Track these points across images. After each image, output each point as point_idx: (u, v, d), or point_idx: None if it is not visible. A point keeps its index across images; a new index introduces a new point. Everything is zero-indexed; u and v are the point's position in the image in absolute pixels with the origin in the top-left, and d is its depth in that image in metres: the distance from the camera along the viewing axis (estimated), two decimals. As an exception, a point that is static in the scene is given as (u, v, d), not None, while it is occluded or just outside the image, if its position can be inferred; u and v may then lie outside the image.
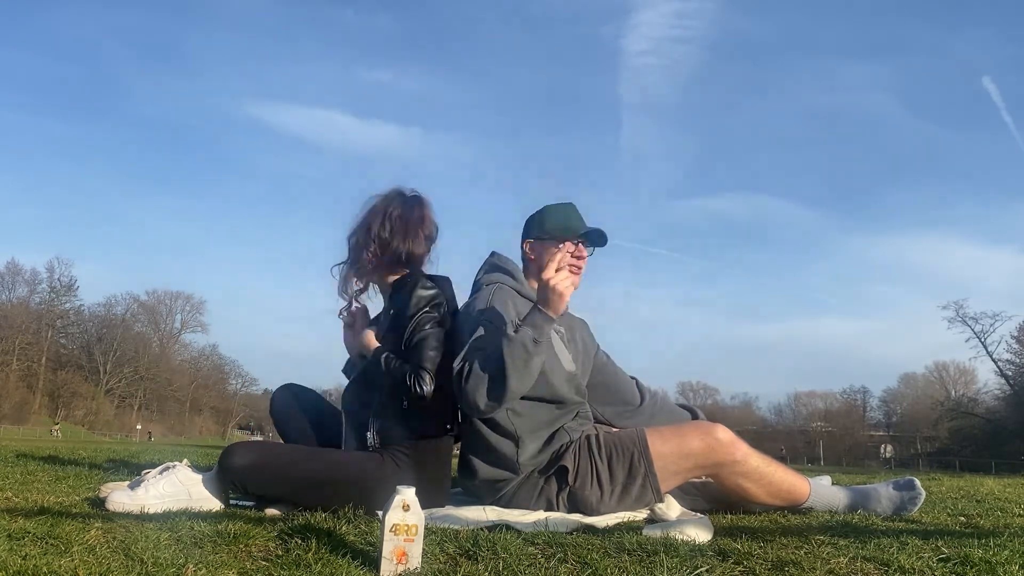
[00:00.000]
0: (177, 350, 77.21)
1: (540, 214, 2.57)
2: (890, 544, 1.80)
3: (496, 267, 2.52)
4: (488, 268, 2.54)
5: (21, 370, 59.97)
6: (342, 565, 1.56)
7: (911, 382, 65.23)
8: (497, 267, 2.52)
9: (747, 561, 1.65)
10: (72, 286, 67.08)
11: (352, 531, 1.86)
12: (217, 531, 1.78)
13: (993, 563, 1.62)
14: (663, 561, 1.60)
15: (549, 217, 2.54)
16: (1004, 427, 49.75)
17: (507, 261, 2.54)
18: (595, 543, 1.80)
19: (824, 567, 1.61)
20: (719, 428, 2.28)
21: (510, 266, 2.52)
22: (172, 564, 1.50)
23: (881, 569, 1.61)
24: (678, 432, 2.30)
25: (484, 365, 2.13)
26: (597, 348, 2.72)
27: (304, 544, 1.69)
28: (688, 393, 68.08)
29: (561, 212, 2.55)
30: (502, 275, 2.47)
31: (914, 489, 2.42)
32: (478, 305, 2.34)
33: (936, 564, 1.63)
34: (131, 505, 2.11)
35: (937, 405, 58.05)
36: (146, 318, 75.25)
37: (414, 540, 1.58)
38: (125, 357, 68.18)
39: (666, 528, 1.93)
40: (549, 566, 1.61)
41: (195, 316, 76.85)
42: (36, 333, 63.08)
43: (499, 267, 2.51)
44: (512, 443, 2.27)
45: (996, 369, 52.47)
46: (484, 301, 2.35)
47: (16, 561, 1.46)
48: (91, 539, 1.69)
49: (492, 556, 1.64)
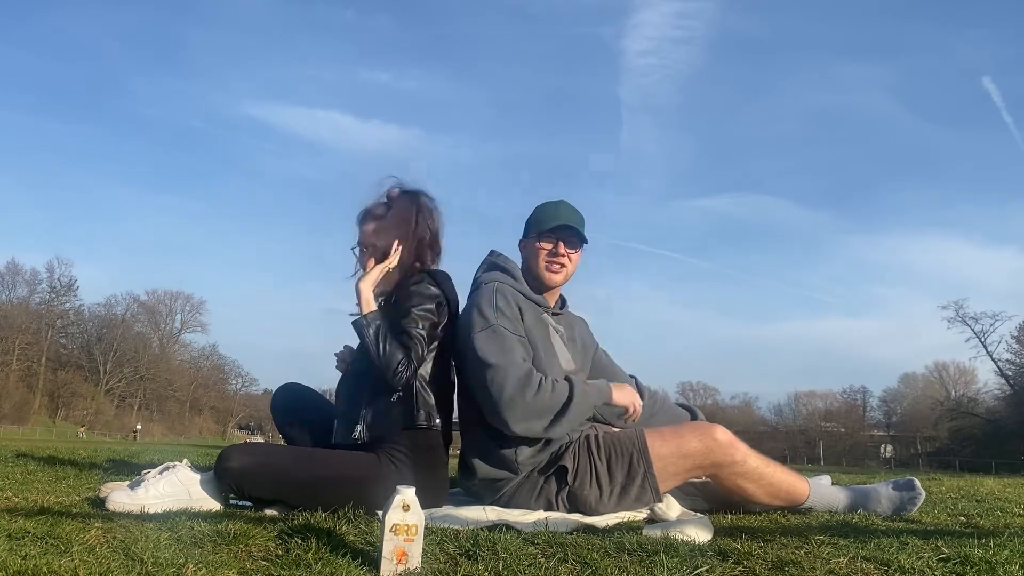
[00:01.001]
0: (177, 350, 77.15)
1: (530, 216, 2.60)
2: (890, 544, 1.80)
3: (495, 266, 2.53)
4: (487, 266, 2.55)
5: (21, 370, 59.93)
6: (342, 565, 1.56)
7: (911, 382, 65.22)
8: (496, 266, 2.52)
9: (747, 561, 1.65)
10: (72, 286, 67.08)
11: (352, 531, 1.86)
12: (217, 531, 1.78)
13: (993, 563, 1.62)
14: (663, 561, 1.60)
15: (534, 213, 2.58)
16: (1004, 427, 49.72)
17: (506, 260, 2.54)
18: (595, 543, 1.80)
19: (824, 567, 1.61)
20: (718, 429, 2.28)
21: (509, 265, 2.52)
22: (172, 564, 1.50)
23: (881, 569, 1.61)
24: (677, 433, 2.30)
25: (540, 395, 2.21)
26: (596, 346, 2.72)
27: (304, 544, 1.68)
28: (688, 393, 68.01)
29: (543, 208, 2.57)
30: (501, 274, 2.48)
31: (914, 489, 2.42)
32: (483, 304, 2.34)
33: (936, 564, 1.63)
34: (131, 505, 2.11)
35: (937, 405, 58.02)
36: (146, 318, 75.21)
37: (414, 540, 1.58)
38: (125, 357, 68.13)
39: (666, 528, 1.93)
40: (549, 566, 1.61)
41: (195, 316, 76.81)
42: (36, 333, 63.03)
43: (498, 266, 2.52)
44: (511, 443, 2.28)
45: (996, 369, 52.57)
46: (488, 300, 2.35)
47: (16, 561, 1.46)
48: (91, 539, 1.69)
49: (492, 556, 1.64)
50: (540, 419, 2.22)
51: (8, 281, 64.18)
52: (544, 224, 2.50)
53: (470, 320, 2.33)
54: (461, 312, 2.44)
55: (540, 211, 2.56)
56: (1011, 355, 51.94)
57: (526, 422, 2.22)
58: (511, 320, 2.34)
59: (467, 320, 2.35)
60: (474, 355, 2.28)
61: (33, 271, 65.55)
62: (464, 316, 2.39)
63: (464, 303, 2.46)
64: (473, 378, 2.30)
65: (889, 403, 67.24)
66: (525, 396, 2.21)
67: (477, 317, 2.32)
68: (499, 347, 2.27)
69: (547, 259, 2.49)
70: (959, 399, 57.76)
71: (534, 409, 2.21)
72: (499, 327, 2.30)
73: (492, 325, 2.30)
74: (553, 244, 2.48)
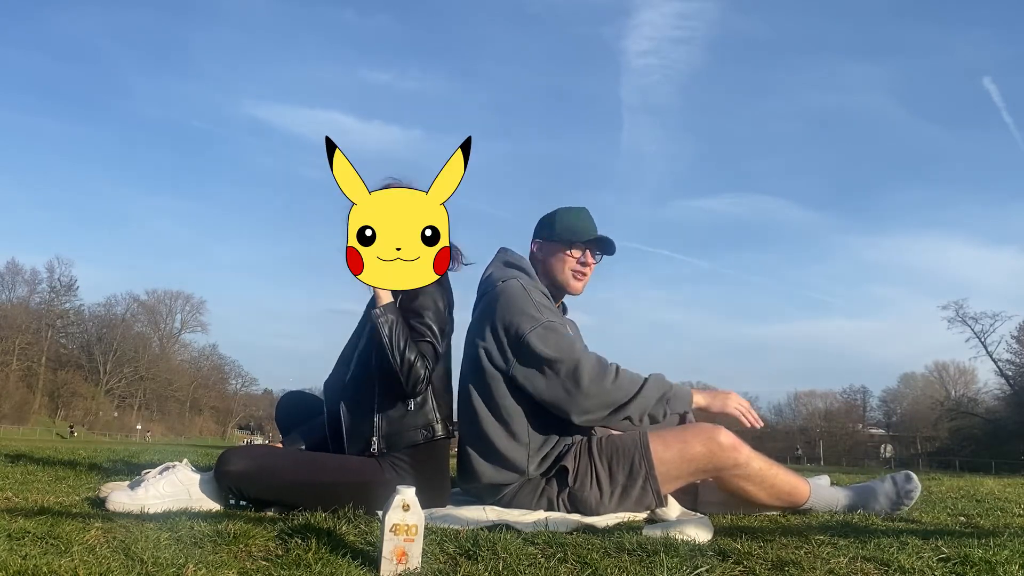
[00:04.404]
0: (177, 350, 77.15)
1: (552, 216, 2.57)
2: (890, 544, 1.80)
3: (511, 264, 2.50)
4: (504, 263, 2.51)
5: (21, 370, 59.93)
6: (342, 565, 1.56)
7: (911, 382, 65.17)
8: (513, 264, 2.50)
9: (747, 561, 1.65)
10: (72, 286, 67.09)
11: (352, 531, 1.86)
12: (217, 531, 1.78)
13: (993, 563, 1.62)
14: (663, 561, 1.60)
15: (560, 219, 2.54)
16: (1004, 427, 49.72)
17: (520, 258, 2.53)
18: (595, 543, 1.80)
19: (824, 567, 1.61)
20: (721, 432, 2.27)
21: (523, 263, 2.51)
22: (172, 564, 1.50)
23: (881, 569, 1.61)
24: (680, 437, 2.28)
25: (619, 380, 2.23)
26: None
27: (304, 544, 1.68)
28: (688, 393, 67.79)
29: (572, 215, 2.55)
30: (517, 272, 2.45)
31: (911, 482, 2.42)
32: (521, 303, 2.31)
33: (936, 564, 1.63)
34: (131, 505, 2.11)
35: (937, 405, 58.01)
36: (146, 318, 75.23)
37: (414, 540, 1.58)
38: (125, 357, 68.13)
39: (666, 528, 1.93)
40: (549, 566, 1.61)
41: (195, 316, 76.84)
42: (36, 333, 63.02)
43: (514, 264, 2.50)
44: (523, 446, 2.27)
45: (996, 369, 52.57)
46: (524, 299, 2.32)
47: (16, 561, 1.46)
48: (91, 539, 1.69)
49: (492, 556, 1.64)
50: (615, 404, 2.23)
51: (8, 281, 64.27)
52: (579, 235, 2.49)
53: (512, 321, 2.29)
54: (479, 312, 2.39)
55: (569, 219, 2.54)
56: (1011, 355, 52.02)
57: (604, 409, 2.23)
58: (554, 313, 2.34)
59: (506, 320, 2.30)
60: (530, 353, 2.25)
61: (33, 271, 65.68)
62: (494, 316, 2.33)
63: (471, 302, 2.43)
64: (532, 377, 2.26)
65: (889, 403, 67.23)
66: (604, 383, 2.22)
67: (521, 317, 2.29)
68: (558, 341, 2.26)
69: (575, 268, 2.50)
70: (959, 399, 57.74)
71: (615, 394, 2.23)
72: (550, 322, 2.29)
73: (544, 321, 2.28)
74: (582, 253, 2.49)
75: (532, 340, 2.26)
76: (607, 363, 2.27)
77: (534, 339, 2.26)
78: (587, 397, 2.22)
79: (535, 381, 2.27)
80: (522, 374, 2.28)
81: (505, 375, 2.31)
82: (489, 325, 2.33)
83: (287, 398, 2.70)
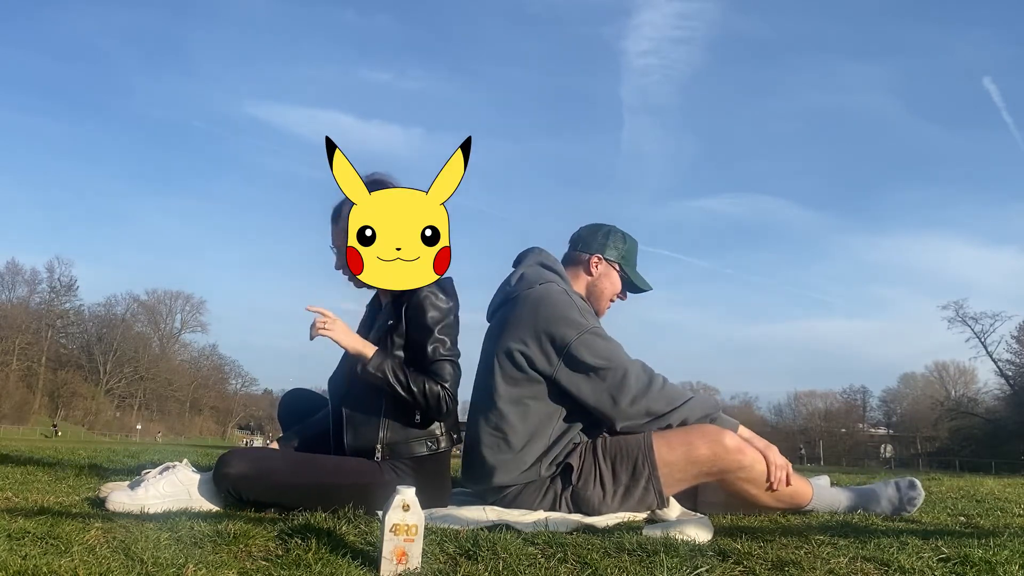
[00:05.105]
0: (177, 350, 77.13)
1: (618, 238, 2.59)
2: (890, 544, 1.80)
3: (548, 266, 2.49)
4: (540, 264, 2.49)
5: (21, 370, 59.93)
6: (342, 565, 1.56)
7: (911, 382, 65.16)
8: (548, 266, 2.49)
9: (747, 561, 1.65)
10: (72, 286, 67.15)
11: (352, 531, 1.86)
12: (217, 531, 1.78)
13: (993, 563, 1.62)
14: (663, 561, 1.60)
15: (629, 250, 2.60)
16: (1004, 427, 49.71)
17: (555, 261, 2.54)
18: (595, 543, 1.80)
19: (824, 567, 1.61)
20: (726, 434, 2.26)
21: (558, 267, 2.51)
22: (172, 564, 1.50)
23: (881, 569, 1.61)
24: (685, 439, 2.26)
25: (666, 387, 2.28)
26: None
27: (304, 544, 1.68)
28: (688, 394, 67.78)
29: (635, 252, 2.61)
30: (554, 275, 2.45)
31: (915, 489, 2.42)
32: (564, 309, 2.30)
33: (936, 564, 1.63)
34: (131, 505, 2.10)
35: (937, 405, 58.00)
36: (146, 318, 75.23)
37: (414, 540, 1.58)
38: (125, 357, 68.13)
39: (666, 528, 1.93)
40: (549, 566, 1.61)
41: (195, 316, 76.85)
42: (36, 333, 63.03)
43: (550, 267, 2.49)
44: (543, 449, 2.27)
45: (996, 369, 52.58)
46: (567, 304, 2.32)
47: (16, 561, 1.46)
48: (91, 539, 1.69)
49: (492, 556, 1.64)
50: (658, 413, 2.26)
51: (8, 281, 64.32)
52: (636, 278, 2.57)
53: (559, 326, 2.27)
54: (514, 315, 2.33)
55: (635, 257, 2.61)
56: (1011, 355, 52.04)
57: (645, 417, 2.26)
58: (596, 319, 2.35)
59: (551, 325, 2.27)
60: (577, 359, 2.25)
61: (33, 271, 65.75)
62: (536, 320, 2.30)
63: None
64: (578, 382, 2.25)
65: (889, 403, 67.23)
66: (650, 392, 2.25)
67: (567, 322, 2.27)
68: (606, 347, 2.27)
69: (614, 296, 2.57)
70: (959, 399, 57.73)
71: (658, 403, 2.26)
72: (597, 328, 2.30)
73: (590, 327, 2.29)
74: (623, 293, 2.58)
75: (580, 346, 2.25)
76: (653, 371, 2.29)
77: (582, 345, 2.25)
78: (632, 404, 2.24)
79: (581, 386, 2.26)
80: (566, 379, 2.27)
81: (549, 380, 2.29)
82: (531, 329, 2.30)
83: (289, 396, 2.69)
